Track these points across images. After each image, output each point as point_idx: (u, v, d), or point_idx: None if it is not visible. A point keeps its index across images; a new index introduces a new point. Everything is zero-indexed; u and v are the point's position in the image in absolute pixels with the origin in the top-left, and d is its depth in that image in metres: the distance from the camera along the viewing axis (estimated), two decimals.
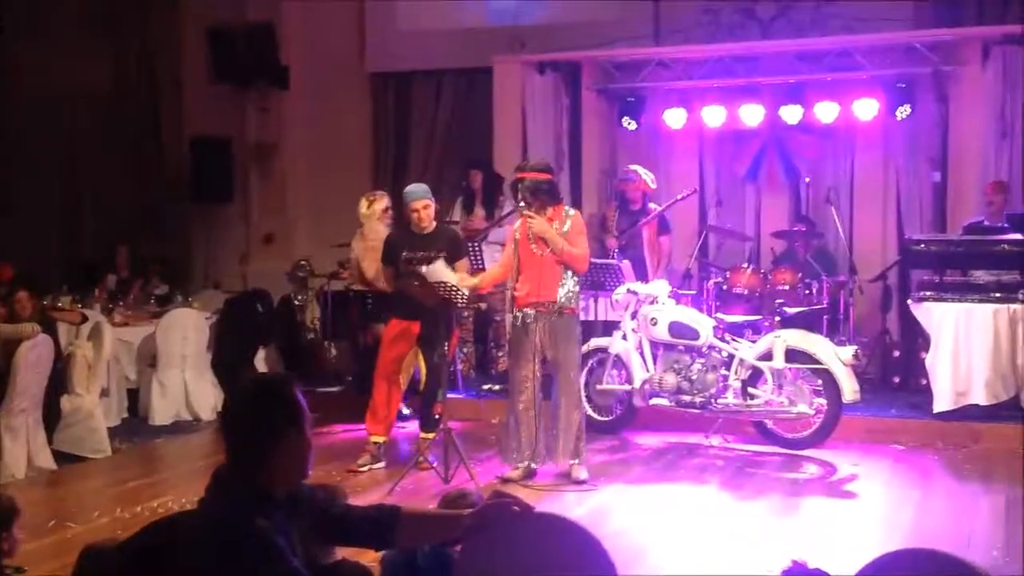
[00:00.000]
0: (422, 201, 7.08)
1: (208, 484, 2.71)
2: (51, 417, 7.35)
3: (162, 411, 8.81)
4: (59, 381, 7.48)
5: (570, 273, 6.68)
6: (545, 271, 6.63)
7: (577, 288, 6.80)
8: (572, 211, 6.87)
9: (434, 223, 7.20)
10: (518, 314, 6.69)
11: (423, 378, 7.30)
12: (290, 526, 2.69)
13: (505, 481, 6.59)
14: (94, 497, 6.55)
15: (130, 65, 12.37)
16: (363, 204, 7.95)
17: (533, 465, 6.73)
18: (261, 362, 9.80)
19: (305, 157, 11.98)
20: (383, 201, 8.00)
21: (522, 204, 6.64)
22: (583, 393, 7.19)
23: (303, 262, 10.77)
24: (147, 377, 8.91)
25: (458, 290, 6.65)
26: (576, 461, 6.68)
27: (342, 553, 3.29)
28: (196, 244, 12.37)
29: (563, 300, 6.64)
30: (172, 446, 8.23)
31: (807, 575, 2.94)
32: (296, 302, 10.81)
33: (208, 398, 9.06)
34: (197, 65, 11.76)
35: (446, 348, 6.99)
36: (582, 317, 7.24)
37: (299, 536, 2.73)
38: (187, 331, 9.03)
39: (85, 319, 8.35)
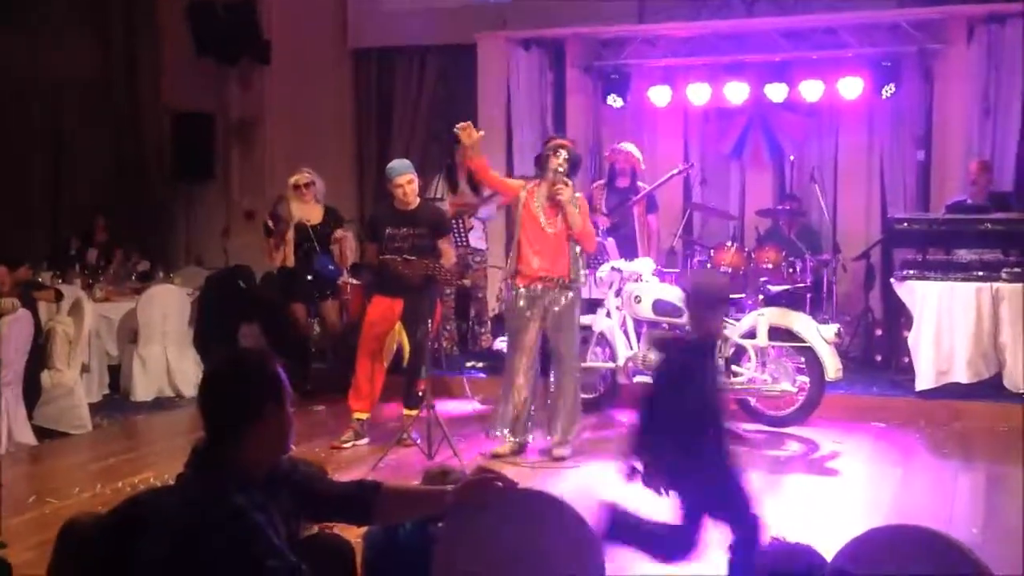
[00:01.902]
0: (406, 176, 7.04)
1: (187, 460, 2.69)
2: (31, 393, 7.30)
3: (143, 387, 8.76)
4: (39, 357, 7.44)
5: (579, 250, 6.69)
6: (558, 246, 6.62)
7: (584, 266, 6.83)
8: (578, 194, 6.84)
9: (418, 199, 7.16)
10: (522, 289, 6.65)
11: (406, 355, 7.27)
12: (269, 502, 2.67)
13: (495, 456, 6.61)
14: (75, 473, 6.52)
15: (112, 41, 12.23)
16: None
17: (528, 439, 6.74)
18: (243, 338, 9.79)
19: (287, 133, 11.89)
20: (295, 177, 8.39)
21: (560, 170, 6.58)
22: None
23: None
24: (128, 353, 8.85)
25: (444, 267, 6.64)
26: (570, 436, 6.71)
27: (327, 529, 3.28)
28: (178, 220, 12.29)
29: (573, 276, 6.64)
30: (153, 422, 8.19)
31: (790, 549, 2.94)
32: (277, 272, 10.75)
33: (190, 375, 9.01)
34: (179, 41, 11.64)
35: (429, 325, 6.96)
36: None
37: (279, 512, 2.71)
38: (168, 307, 8.98)
39: (61, 296, 8.28)
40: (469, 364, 9.13)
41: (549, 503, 2.89)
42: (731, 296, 8.03)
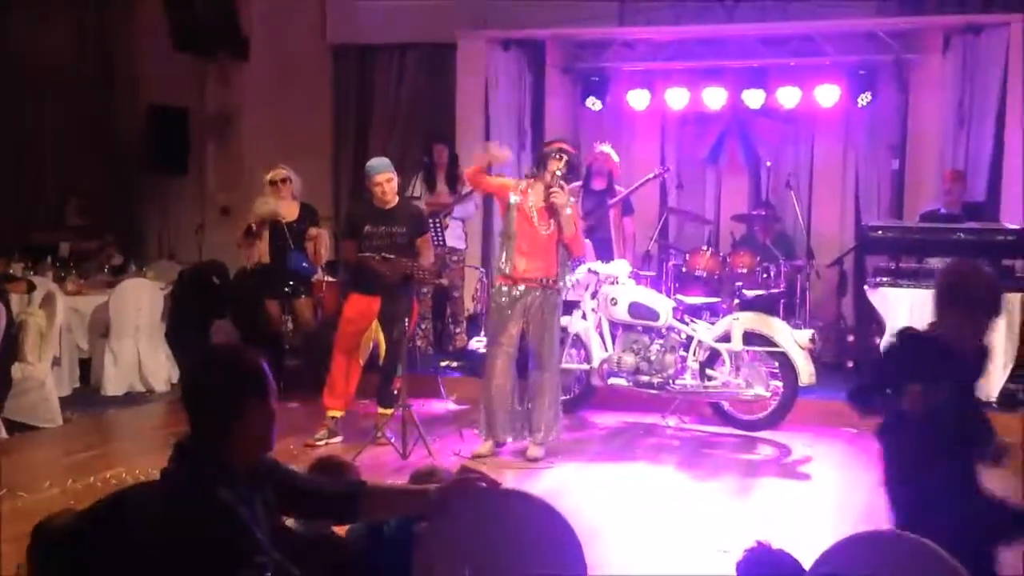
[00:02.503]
0: (385, 175, 7.03)
1: (170, 455, 2.67)
2: (2, 385, 7.22)
3: (115, 381, 8.71)
4: (10, 349, 7.36)
5: (568, 253, 6.75)
6: (547, 250, 6.64)
7: (580, 270, 6.96)
8: (572, 198, 6.87)
9: (396, 197, 7.15)
10: (504, 288, 6.66)
11: (382, 354, 7.26)
12: (254, 498, 2.66)
13: (476, 456, 6.62)
14: (45, 467, 6.46)
15: (88, 34, 12.13)
16: None
17: (508, 440, 6.77)
18: (216, 334, 9.73)
19: (264, 129, 11.81)
20: (272, 172, 8.42)
21: (559, 173, 6.59)
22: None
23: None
24: (100, 347, 8.80)
25: (422, 266, 6.64)
26: (551, 437, 6.74)
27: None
28: (152, 214, 12.20)
29: (560, 279, 6.69)
30: (124, 417, 8.14)
31: (770, 556, 2.95)
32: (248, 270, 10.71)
33: (162, 369, 8.97)
34: (156, 34, 11.54)
35: (406, 324, 6.95)
36: None
37: (263, 508, 2.70)
38: (141, 301, 8.93)
39: (33, 288, 8.21)
40: (444, 363, 9.12)
41: (532, 503, 2.89)
42: (708, 300, 8.11)
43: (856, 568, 2.63)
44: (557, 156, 6.65)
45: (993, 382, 7.75)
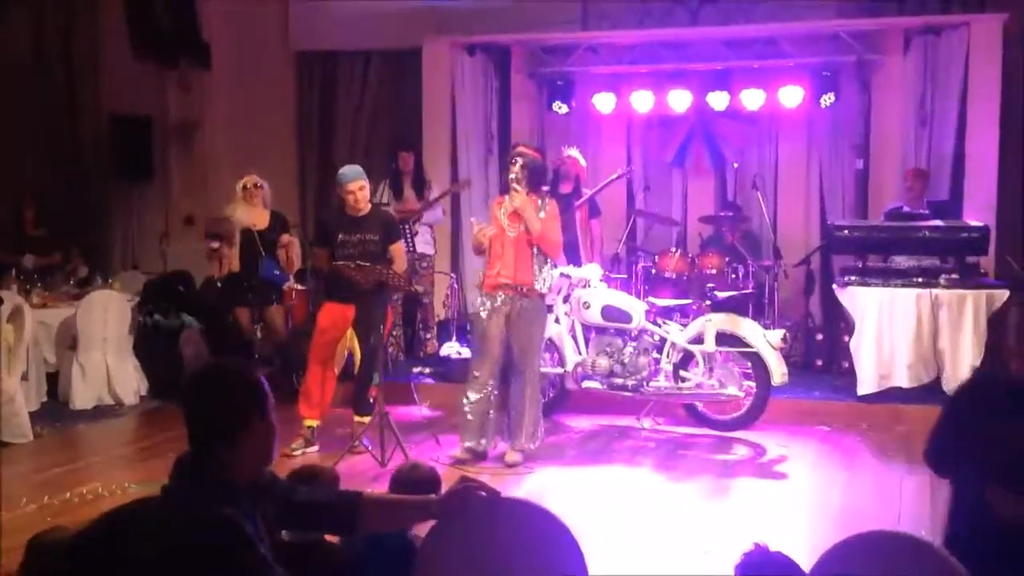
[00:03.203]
0: (357, 183, 7.01)
1: (171, 472, 2.65)
2: None
3: (83, 395, 8.59)
4: None
5: (544, 257, 6.74)
6: (517, 252, 6.66)
7: (552, 273, 6.90)
8: (550, 199, 6.89)
9: (368, 205, 7.13)
10: (486, 296, 6.70)
11: (357, 362, 7.23)
12: (255, 513, 2.65)
13: (455, 462, 6.64)
14: (20, 483, 6.34)
15: (47, 41, 11.99)
16: None
17: (489, 446, 6.79)
18: (184, 344, 9.65)
19: (227, 136, 11.76)
20: (244, 179, 8.48)
21: (512, 177, 6.63)
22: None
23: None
24: (67, 360, 8.68)
25: (396, 274, 6.64)
26: (535, 444, 6.78)
27: None
28: (115, 224, 12.09)
29: (537, 285, 6.69)
30: (95, 431, 8.03)
31: (769, 558, 2.97)
32: (218, 283, 10.64)
33: (131, 382, 8.87)
34: (117, 42, 11.44)
35: (382, 331, 6.94)
36: None
37: (264, 522, 2.69)
38: (108, 313, 8.82)
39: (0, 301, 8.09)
40: (416, 370, 9.10)
41: (532, 511, 2.90)
42: (680, 302, 8.16)
43: (858, 568, 2.65)
44: (512, 161, 6.73)
45: (961, 378, 7.84)
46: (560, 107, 10.23)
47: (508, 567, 2.79)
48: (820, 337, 9.37)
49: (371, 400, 7.09)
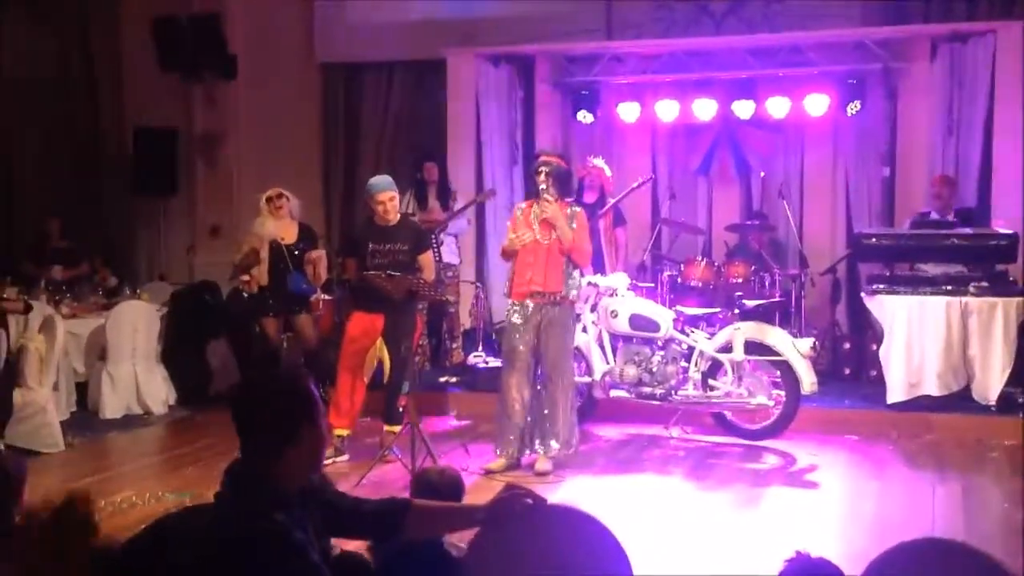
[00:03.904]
0: (387, 193, 7.04)
1: (222, 480, 2.66)
2: (2, 411, 7.18)
3: (112, 405, 8.64)
4: (10, 374, 7.31)
5: (573, 265, 6.74)
6: (549, 260, 6.66)
7: (581, 281, 6.91)
8: (577, 207, 6.90)
9: (398, 215, 7.16)
10: (515, 306, 6.70)
11: (387, 371, 7.25)
12: (306, 520, 2.66)
13: (488, 472, 6.65)
14: (53, 493, 6.37)
15: (72, 55, 12.09)
16: None
17: (523, 456, 6.80)
18: (211, 355, 9.71)
19: (253, 148, 11.81)
20: (268, 191, 8.49)
21: (542, 187, 6.63)
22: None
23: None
24: (97, 370, 8.74)
25: (426, 283, 6.66)
26: (569, 452, 6.78)
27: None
28: (140, 236, 12.16)
29: (567, 292, 6.69)
30: (125, 440, 8.09)
31: (812, 565, 2.96)
32: (244, 294, 10.68)
33: (159, 392, 8.93)
34: (142, 55, 11.52)
35: (411, 341, 6.96)
36: None
37: (313, 530, 2.70)
38: (138, 323, 8.88)
39: (30, 308, 8.13)
40: (443, 379, 9.12)
41: (579, 517, 2.90)
42: (708, 311, 8.15)
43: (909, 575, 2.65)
44: (537, 172, 6.73)
45: (991, 386, 7.84)
46: (585, 116, 10.24)
47: (554, 572, 2.79)
48: (847, 346, 9.34)
49: (400, 409, 7.11)
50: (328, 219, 11.52)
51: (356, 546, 3.43)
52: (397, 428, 7.07)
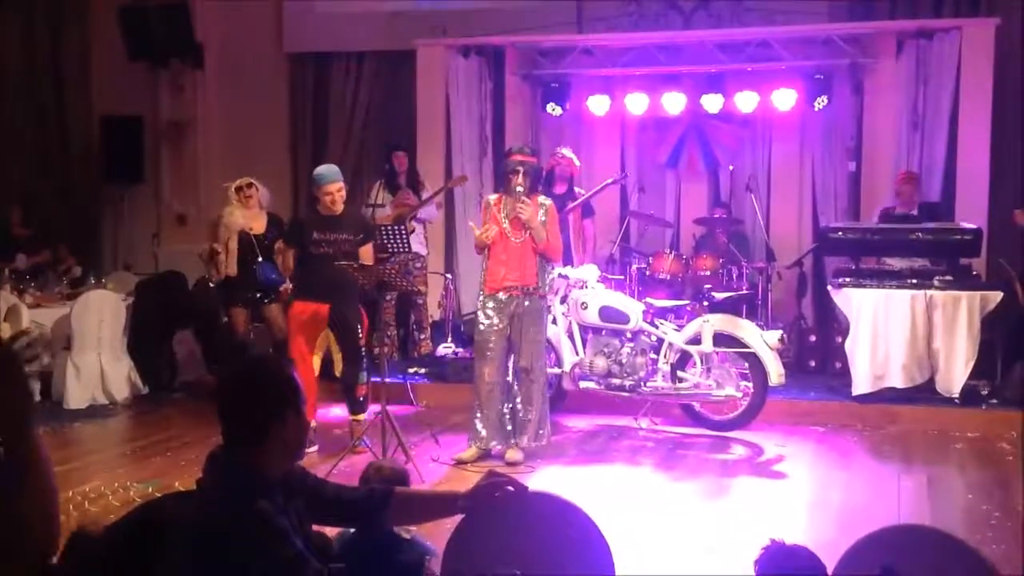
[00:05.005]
0: (336, 184, 7.04)
1: (204, 466, 2.66)
2: None
3: (77, 395, 8.59)
4: None
5: (546, 259, 6.80)
6: (523, 256, 6.69)
7: (552, 273, 6.95)
8: (547, 200, 6.91)
9: (343, 205, 7.14)
10: (489, 296, 6.70)
11: (336, 361, 7.20)
12: (289, 508, 2.66)
13: (459, 462, 6.67)
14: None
15: (40, 43, 11.95)
16: None
17: (495, 446, 6.81)
18: (178, 344, 9.66)
19: (220, 137, 11.75)
20: (238, 180, 8.45)
21: (519, 189, 6.62)
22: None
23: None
24: (61, 360, 8.67)
25: (398, 272, 6.65)
26: (543, 443, 6.82)
27: None
28: (106, 224, 12.07)
29: (539, 284, 6.72)
30: (91, 430, 8.03)
31: (788, 551, 2.99)
32: (211, 283, 10.62)
33: (124, 381, 8.88)
34: (109, 43, 11.41)
35: (359, 330, 6.96)
36: None
37: (296, 516, 2.70)
38: (103, 313, 8.81)
39: None
40: (412, 370, 9.11)
41: (560, 505, 2.93)
42: (677, 303, 8.19)
43: (883, 562, 2.68)
44: (514, 172, 6.70)
45: (955, 379, 7.94)
46: (554, 109, 10.26)
47: (536, 560, 2.81)
48: (813, 338, 9.43)
49: (361, 398, 7.12)
50: (296, 209, 11.46)
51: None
52: (362, 416, 7.10)
